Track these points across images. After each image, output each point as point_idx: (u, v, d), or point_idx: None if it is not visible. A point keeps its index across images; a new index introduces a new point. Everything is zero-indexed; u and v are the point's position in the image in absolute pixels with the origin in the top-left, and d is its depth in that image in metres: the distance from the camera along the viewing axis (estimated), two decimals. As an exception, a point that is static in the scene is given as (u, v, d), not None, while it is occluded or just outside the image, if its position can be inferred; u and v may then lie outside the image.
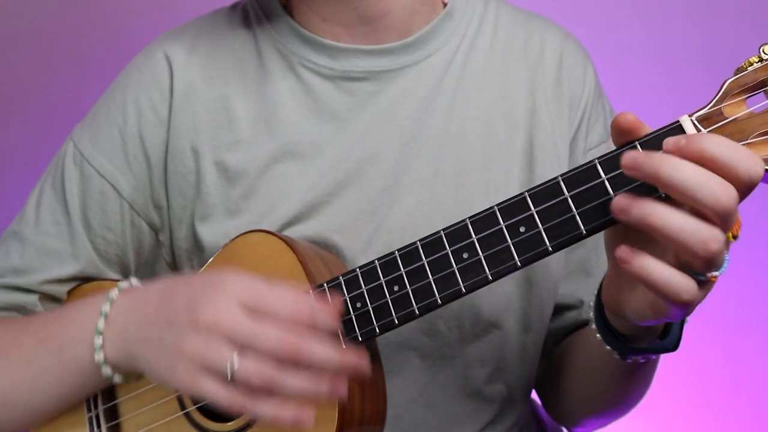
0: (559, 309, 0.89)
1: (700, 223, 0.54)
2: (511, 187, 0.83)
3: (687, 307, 0.57)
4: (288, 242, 0.74)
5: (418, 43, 0.84)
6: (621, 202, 0.56)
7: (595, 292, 0.71)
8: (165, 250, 0.87)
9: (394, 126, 0.82)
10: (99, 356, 0.70)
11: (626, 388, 0.81)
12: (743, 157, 0.54)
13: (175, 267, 0.87)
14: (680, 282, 0.56)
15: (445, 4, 0.87)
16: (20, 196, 0.89)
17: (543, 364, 0.92)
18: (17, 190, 0.89)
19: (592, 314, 0.72)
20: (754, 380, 1.53)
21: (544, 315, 0.86)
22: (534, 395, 0.95)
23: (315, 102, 0.83)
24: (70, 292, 0.86)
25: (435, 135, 0.83)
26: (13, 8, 1.45)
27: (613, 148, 0.60)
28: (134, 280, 0.76)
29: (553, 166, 0.84)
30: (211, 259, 0.79)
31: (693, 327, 0.76)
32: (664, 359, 0.73)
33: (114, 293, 0.73)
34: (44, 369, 0.74)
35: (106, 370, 0.71)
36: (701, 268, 0.56)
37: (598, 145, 0.88)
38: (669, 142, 0.55)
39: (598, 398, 0.84)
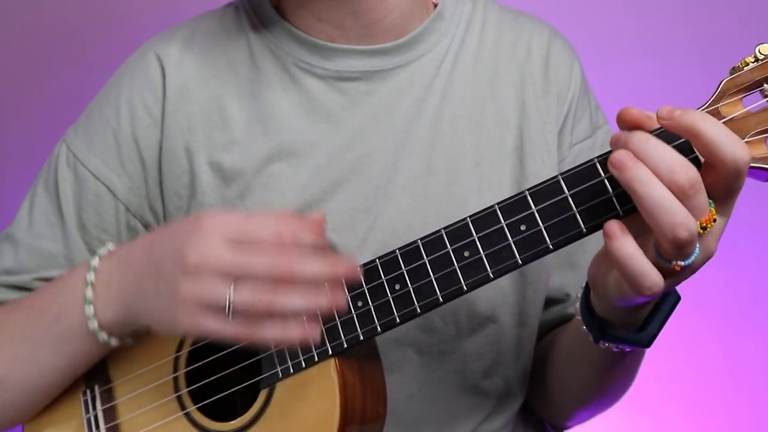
0: (546, 303, 0.90)
1: (679, 206, 0.55)
2: (504, 183, 0.84)
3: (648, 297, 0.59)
4: None
5: (410, 44, 0.85)
6: (620, 157, 0.57)
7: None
8: None
9: (387, 125, 0.83)
10: (93, 324, 0.72)
11: (606, 379, 0.81)
12: (730, 140, 0.55)
13: None
14: (650, 276, 0.57)
15: (435, 5, 0.89)
16: (19, 197, 0.89)
17: None
18: (16, 190, 0.89)
19: (578, 295, 0.72)
20: (753, 379, 1.53)
21: (538, 308, 0.87)
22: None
23: (309, 101, 0.83)
24: None
25: (427, 133, 0.84)
26: (12, 8, 1.44)
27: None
28: (111, 245, 0.77)
29: (544, 161, 0.86)
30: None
31: (692, 326, 0.77)
32: (665, 358, 0.74)
33: (95, 261, 0.75)
34: (42, 341, 0.75)
35: (102, 336, 0.73)
36: (669, 253, 0.57)
37: (583, 139, 0.90)
38: (664, 109, 0.57)
39: (580, 390, 0.85)
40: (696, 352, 1.43)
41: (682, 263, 0.57)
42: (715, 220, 0.57)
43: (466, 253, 0.65)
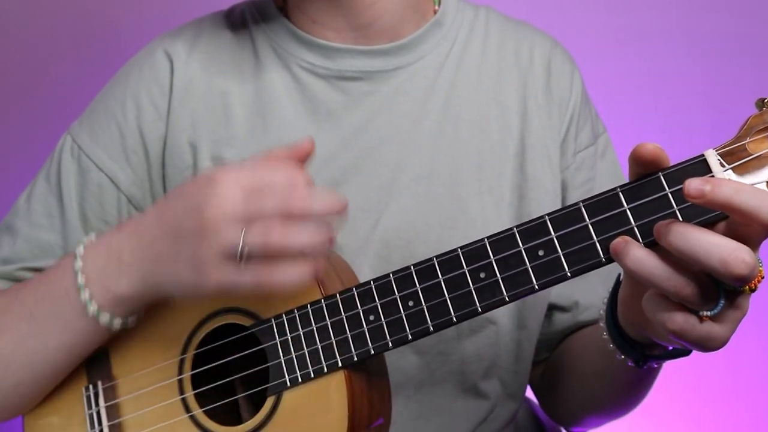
0: (552, 310, 0.91)
1: (673, 273, 0.56)
2: (504, 187, 0.85)
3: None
4: None
5: (410, 45, 0.86)
6: (616, 245, 0.59)
7: (605, 301, 0.72)
8: None
9: (389, 125, 0.84)
10: (92, 307, 0.70)
11: (636, 390, 0.83)
12: (764, 201, 0.53)
13: None
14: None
15: (435, 12, 0.89)
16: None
17: (540, 368, 0.94)
18: (16, 190, 0.89)
19: (602, 324, 0.72)
20: (753, 380, 1.55)
21: (538, 311, 0.88)
22: (530, 395, 0.97)
23: (310, 100, 0.85)
24: None
25: (431, 135, 0.85)
26: (12, 8, 1.43)
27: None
28: (93, 235, 0.74)
29: (544, 167, 0.87)
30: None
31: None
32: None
33: (80, 250, 0.72)
34: (48, 318, 0.73)
35: (104, 318, 0.71)
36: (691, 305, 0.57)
37: (586, 147, 0.91)
38: (692, 187, 0.54)
39: (604, 400, 0.86)
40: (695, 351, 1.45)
41: (708, 313, 0.57)
42: (762, 278, 0.57)
43: (483, 275, 0.64)
